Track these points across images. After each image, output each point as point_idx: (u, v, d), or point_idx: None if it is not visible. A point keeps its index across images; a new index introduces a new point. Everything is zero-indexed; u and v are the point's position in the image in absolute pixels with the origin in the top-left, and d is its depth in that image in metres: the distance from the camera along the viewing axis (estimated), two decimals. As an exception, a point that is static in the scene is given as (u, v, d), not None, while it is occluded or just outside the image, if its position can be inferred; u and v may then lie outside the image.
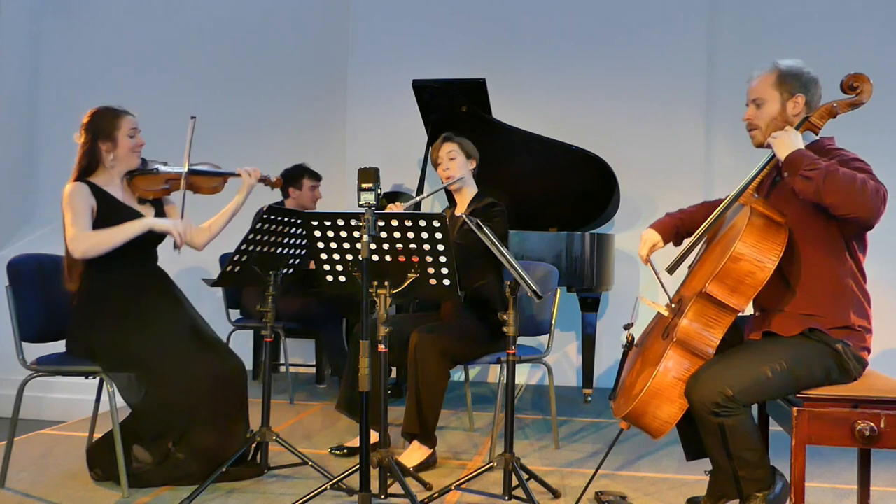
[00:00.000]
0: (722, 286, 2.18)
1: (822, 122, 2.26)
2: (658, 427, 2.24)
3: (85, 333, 2.75)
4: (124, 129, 2.86)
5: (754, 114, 2.35)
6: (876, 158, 2.32)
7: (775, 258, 2.16)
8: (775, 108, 2.31)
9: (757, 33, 5.14)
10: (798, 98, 2.29)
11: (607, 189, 4.59)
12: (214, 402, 2.73)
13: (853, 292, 2.23)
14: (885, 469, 3.11)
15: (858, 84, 2.22)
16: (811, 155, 2.13)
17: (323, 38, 5.73)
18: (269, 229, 2.78)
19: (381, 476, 2.55)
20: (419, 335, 3.03)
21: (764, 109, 2.32)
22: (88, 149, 2.84)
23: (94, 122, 2.86)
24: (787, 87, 2.29)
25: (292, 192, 4.70)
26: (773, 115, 2.31)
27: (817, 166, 2.07)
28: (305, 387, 4.85)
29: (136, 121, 2.91)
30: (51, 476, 2.93)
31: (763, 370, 2.15)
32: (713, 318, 2.22)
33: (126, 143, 2.86)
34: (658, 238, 2.59)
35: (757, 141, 2.37)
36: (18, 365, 2.73)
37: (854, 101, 2.23)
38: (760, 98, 2.33)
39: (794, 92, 2.29)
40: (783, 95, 2.30)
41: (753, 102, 2.35)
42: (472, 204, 3.31)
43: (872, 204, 2.03)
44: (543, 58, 5.28)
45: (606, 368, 5.06)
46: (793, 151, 2.15)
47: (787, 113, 2.30)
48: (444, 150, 3.32)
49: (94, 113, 2.88)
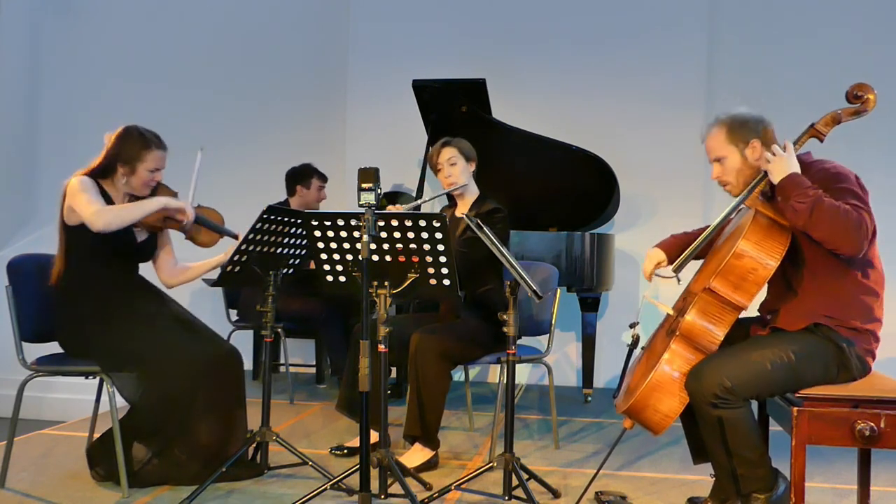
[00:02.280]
0: (725, 282, 2.22)
1: (827, 129, 2.30)
2: (658, 421, 2.26)
3: (74, 333, 2.75)
4: (148, 164, 2.79)
5: (720, 171, 2.41)
6: (872, 163, 2.33)
7: (778, 256, 2.19)
8: (737, 160, 2.37)
9: (757, 33, 5.15)
10: (753, 143, 2.34)
11: (607, 189, 4.59)
12: (212, 387, 2.73)
13: (859, 300, 2.24)
14: (885, 469, 3.11)
15: (863, 93, 2.26)
16: (804, 182, 2.17)
17: (323, 38, 5.73)
18: (269, 229, 2.78)
19: (381, 476, 2.55)
20: (419, 337, 3.03)
21: (727, 165, 2.38)
22: (108, 163, 2.79)
23: (123, 142, 2.78)
24: (739, 136, 2.36)
25: (300, 189, 4.71)
26: (738, 166, 2.37)
27: (805, 199, 2.12)
28: (305, 387, 4.84)
29: (163, 156, 2.83)
30: (51, 476, 2.93)
31: (763, 363, 2.18)
32: (716, 314, 2.26)
33: (143, 177, 2.80)
34: (663, 256, 2.60)
35: (734, 193, 2.41)
36: (18, 365, 2.73)
37: (858, 109, 2.28)
38: (720, 156, 2.39)
39: (747, 139, 2.35)
40: (739, 146, 2.36)
41: (716, 161, 2.41)
42: (474, 208, 3.29)
43: (854, 239, 2.10)
44: (543, 58, 5.28)
45: (606, 368, 5.06)
46: (786, 177, 2.20)
47: (749, 160, 2.35)
48: (443, 157, 3.27)
49: (127, 133, 2.80)
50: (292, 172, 4.76)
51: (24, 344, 2.76)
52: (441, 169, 3.29)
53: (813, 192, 2.13)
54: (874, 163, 4.36)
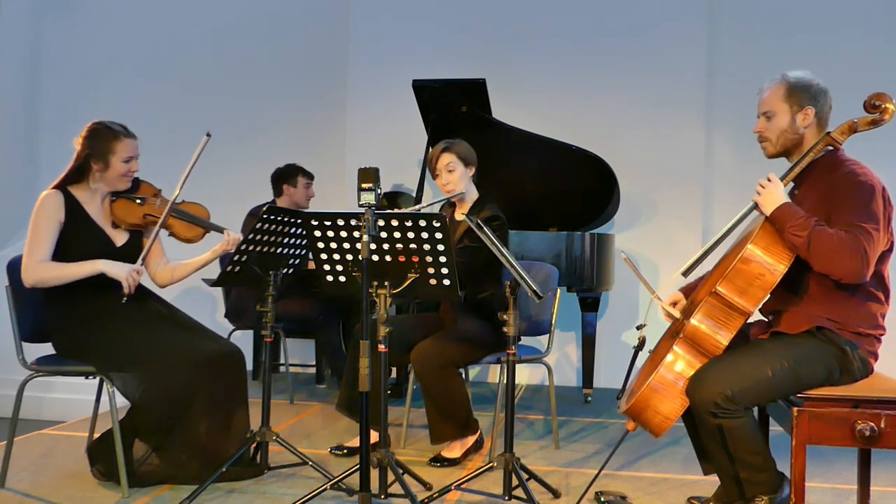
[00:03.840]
0: (732, 286, 2.20)
1: (843, 137, 2.28)
2: (659, 423, 2.24)
3: (67, 337, 2.75)
4: (120, 154, 2.77)
5: (764, 126, 2.37)
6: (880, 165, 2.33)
7: (786, 263, 2.18)
8: (785, 121, 2.32)
9: (757, 33, 5.14)
10: (808, 110, 2.30)
11: (607, 189, 4.59)
12: (213, 385, 2.72)
13: (864, 307, 2.23)
14: (885, 469, 3.11)
15: (881, 103, 2.25)
16: (795, 212, 2.17)
17: (323, 38, 5.73)
18: (268, 229, 2.78)
19: (381, 476, 2.54)
20: (417, 352, 3.07)
21: (774, 122, 2.34)
22: (80, 163, 2.79)
23: (92, 139, 2.78)
24: (796, 99, 2.31)
25: (287, 189, 4.68)
26: (783, 127, 2.33)
27: (801, 232, 2.12)
28: (305, 387, 4.85)
29: (135, 145, 2.82)
30: (51, 476, 2.93)
31: (764, 370, 2.16)
32: (722, 319, 2.23)
33: (118, 168, 2.79)
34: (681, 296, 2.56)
35: (768, 152, 2.39)
36: (18, 365, 2.73)
37: (875, 119, 2.26)
38: (770, 110, 2.34)
39: (803, 104, 2.30)
40: (793, 108, 2.31)
41: (764, 115, 2.37)
42: (472, 214, 3.22)
43: (851, 268, 2.10)
44: (543, 58, 5.28)
45: (606, 368, 5.05)
46: (776, 209, 2.20)
47: (797, 125, 2.32)
48: (441, 162, 3.22)
49: (95, 129, 2.80)
50: (278, 173, 4.74)
51: (24, 344, 2.77)
52: (439, 175, 3.26)
53: (806, 223, 2.13)
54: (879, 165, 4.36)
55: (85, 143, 2.79)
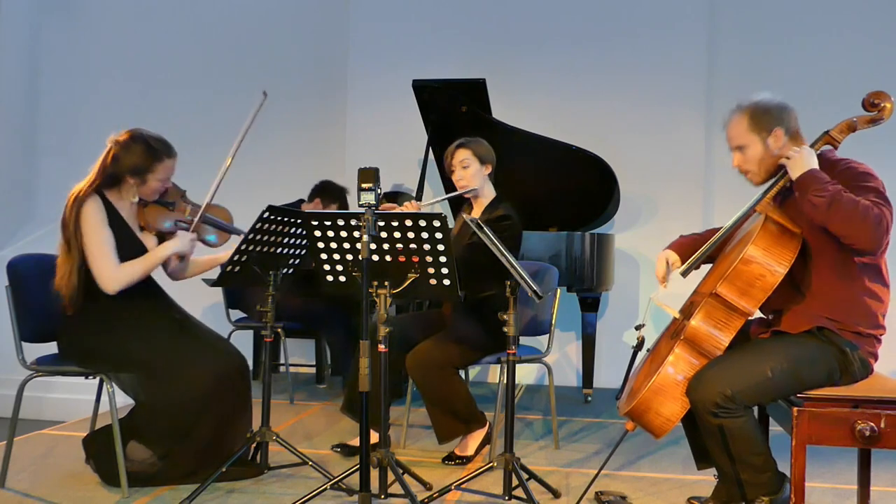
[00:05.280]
0: (732, 287, 2.20)
1: (841, 136, 2.28)
2: (660, 425, 2.24)
3: (81, 339, 2.74)
4: (158, 174, 2.78)
5: (741, 160, 2.38)
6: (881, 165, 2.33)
7: (787, 264, 2.17)
8: (759, 149, 2.33)
9: (757, 33, 5.14)
10: (777, 132, 2.31)
11: (607, 189, 4.59)
12: (218, 400, 2.73)
13: (865, 305, 2.23)
14: (885, 469, 3.11)
15: (880, 101, 2.25)
16: (823, 178, 2.14)
17: (323, 38, 5.73)
18: (269, 229, 2.78)
19: (381, 476, 2.54)
20: (413, 359, 3.06)
21: (749, 154, 2.35)
22: (116, 174, 2.75)
23: (131, 156, 2.73)
24: (762, 125, 2.32)
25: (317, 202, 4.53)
26: (760, 156, 2.34)
27: (825, 192, 2.09)
28: (305, 387, 4.85)
29: (174, 165, 2.83)
30: (51, 476, 2.93)
31: (764, 370, 2.16)
32: (722, 320, 2.23)
33: (154, 186, 2.81)
34: (675, 257, 2.55)
35: (756, 182, 2.39)
36: (18, 365, 2.73)
37: (874, 117, 2.27)
38: (742, 144, 2.36)
39: (770, 128, 2.31)
40: (761, 134, 2.32)
41: (737, 149, 2.38)
42: (486, 212, 3.22)
43: (873, 235, 2.07)
44: (543, 58, 5.28)
45: (606, 368, 5.05)
46: (805, 172, 2.17)
47: (771, 149, 2.32)
48: (457, 159, 3.21)
49: (135, 143, 2.74)
50: (326, 185, 4.59)
51: (24, 344, 2.76)
52: (454, 171, 3.24)
53: (832, 187, 2.10)
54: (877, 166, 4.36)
55: (125, 156, 2.73)
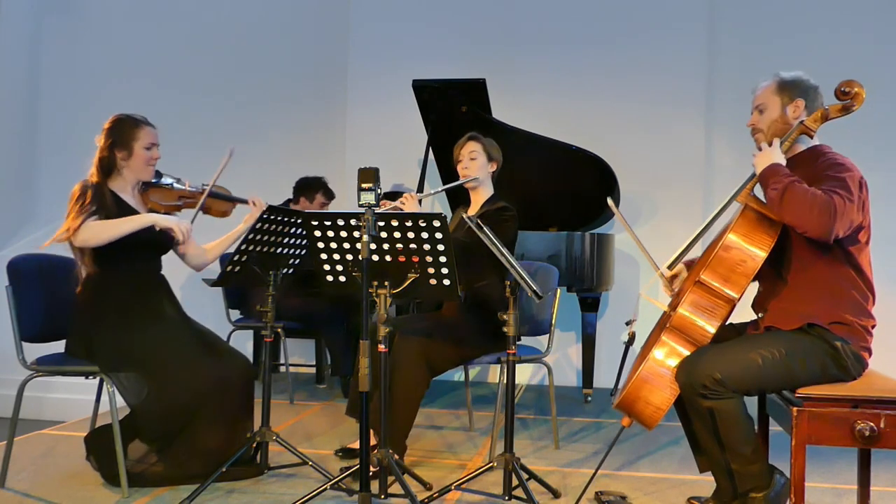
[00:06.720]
0: (715, 274, 2.26)
1: (815, 125, 2.32)
2: (651, 414, 2.28)
3: (87, 332, 2.74)
4: (142, 141, 2.85)
5: (757, 119, 2.44)
6: (870, 161, 2.34)
7: (766, 248, 2.23)
8: (776, 112, 2.38)
9: (757, 33, 5.15)
10: (798, 102, 2.36)
11: (607, 189, 4.58)
12: (218, 404, 2.73)
13: (850, 295, 2.25)
14: (885, 469, 3.11)
15: (850, 89, 2.29)
16: (781, 171, 2.20)
17: (323, 38, 5.73)
18: (269, 229, 2.78)
19: (382, 476, 2.55)
20: (401, 338, 3.01)
21: (765, 114, 2.41)
22: (105, 154, 2.84)
23: (114, 129, 2.85)
24: (786, 92, 2.37)
25: (303, 201, 4.67)
26: (774, 118, 2.38)
27: (778, 184, 2.16)
28: (305, 387, 4.85)
29: (155, 133, 2.91)
30: (51, 476, 2.93)
31: (755, 358, 2.19)
32: (708, 306, 2.28)
33: (142, 155, 2.86)
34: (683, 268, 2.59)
35: (760, 143, 2.42)
36: (18, 365, 2.73)
37: (846, 104, 2.30)
38: (762, 104, 2.41)
39: (793, 97, 2.36)
40: (783, 100, 2.38)
41: (757, 109, 2.44)
42: (485, 206, 3.27)
43: (819, 222, 2.10)
44: (543, 58, 5.28)
45: (606, 368, 5.06)
46: (766, 167, 2.24)
47: (788, 116, 2.37)
48: (466, 149, 3.29)
49: (116, 120, 2.88)
50: (303, 182, 4.71)
51: (24, 344, 2.76)
52: (461, 160, 3.30)
53: (787, 179, 2.16)
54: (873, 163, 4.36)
55: (108, 133, 2.85)
